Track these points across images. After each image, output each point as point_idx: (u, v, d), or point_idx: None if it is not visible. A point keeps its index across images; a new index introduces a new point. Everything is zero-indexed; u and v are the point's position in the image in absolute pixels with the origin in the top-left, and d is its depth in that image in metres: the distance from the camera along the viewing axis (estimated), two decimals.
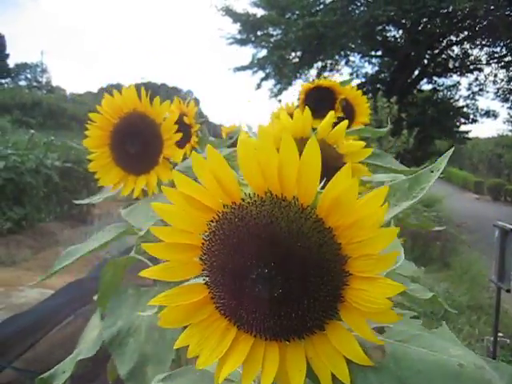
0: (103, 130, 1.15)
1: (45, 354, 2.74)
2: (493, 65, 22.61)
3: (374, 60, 24.63)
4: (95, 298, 1.34)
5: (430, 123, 21.23)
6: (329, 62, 24.43)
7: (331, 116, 0.78)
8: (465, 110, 24.24)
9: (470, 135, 26.17)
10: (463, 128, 24.91)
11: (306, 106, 1.50)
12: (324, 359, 0.45)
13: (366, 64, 25.21)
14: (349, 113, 1.50)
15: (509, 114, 24.26)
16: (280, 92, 25.12)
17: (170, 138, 1.16)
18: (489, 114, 23.81)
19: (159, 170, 1.17)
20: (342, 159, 0.79)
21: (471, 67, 23.29)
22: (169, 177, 1.19)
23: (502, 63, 22.10)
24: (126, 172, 1.18)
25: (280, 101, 25.87)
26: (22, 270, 6.56)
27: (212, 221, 0.44)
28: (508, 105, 23.16)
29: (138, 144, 1.15)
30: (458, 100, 24.78)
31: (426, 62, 23.47)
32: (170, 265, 0.46)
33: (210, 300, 0.47)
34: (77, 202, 1.50)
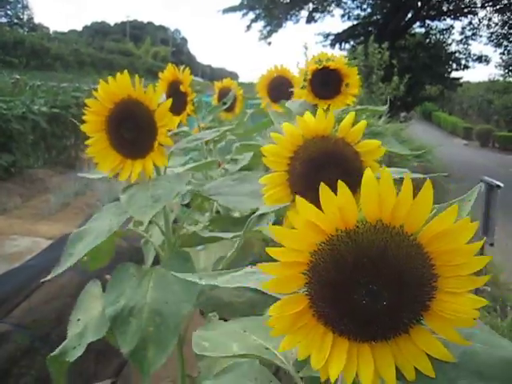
0: (99, 115, 1.15)
1: (39, 305, 2.80)
2: (488, 8, 22.24)
3: (366, 1, 24.06)
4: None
5: (421, 69, 21.01)
6: (320, 3, 23.81)
7: (351, 116, 0.80)
8: (457, 55, 23.98)
9: (461, 79, 26.00)
10: (454, 74, 24.74)
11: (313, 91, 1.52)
12: (408, 357, 0.53)
13: (359, 6, 24.57)
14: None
15: (501, 58, 24.05)
16: (270, 34, 24.59)
17: (163, 124, 1.16)
18: (481, 59, 23.62)
19: (154, 156, 1.19)
20: (359, 157, 0.82)
21: (465, 10, 22.89)
22: (164, 162, 1.21)
23: (497, 7, 21.72)
24: (122, 156, 1.20)
25: (270, 43, 25.31)
26: (14, 218, 6.58)
27: (324, 242, 0.51)
28: (501, 50, 22.95)
29: (133, 130, 1.16)
30: (450, 44, 24.48)
31: (419, 4, 22.96)
32: (279, 279, 0.53)
33: (309, 309, 0.54)
34: (80, 174, 1.51)
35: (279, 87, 2.03)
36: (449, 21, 24.15)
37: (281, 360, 0.74)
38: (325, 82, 1.48)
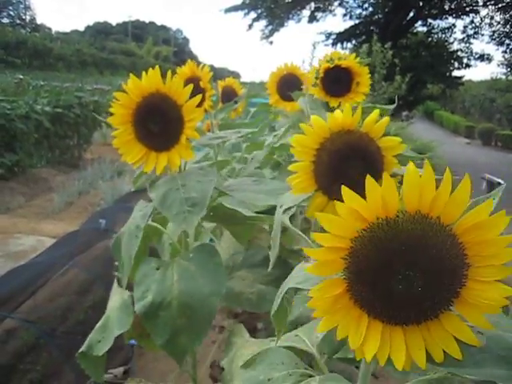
0: (127, 108, 1.18)
1: (45, 302, 2.82)
2: (490, 7, 22.20)
3: (368, 1, 24.04)
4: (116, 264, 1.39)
5: (423, 68, 20.99)
6: (322, 2, 23.81)
7: (376, 113, 0.84)
8: (459, 53, 23.94)
9: (463, 78, 25.94)
10: (456, 73, 24.70)
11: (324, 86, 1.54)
12: (437, 340, 0.56)
13: (360, 5, 24.54)
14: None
15: (503, 57, 24.02)
16: (272, 33, 24.61)
17: (191, 119, 1.19)
18: (483, 57, 23.59)
19: (180, 149, 1.21)
20: (381, 151, 0.87)
21: (467, 9, 22.85)
22: (190, 156, 1.24)
23: (500, 5, 21.68)
24: (147, 149, 1.22)
25: (271, 42, 25.33)
26: (18, 217, 6.61)
27: (365, 229, 0.54)
28: (503, 48, 22.91)
29: (160, 123, 1.19)
30: (452, 43, 24.46)
31: (421, 3, 22.93)
32: (321, 263, 0.56)
33: (346, 292, 0.57)
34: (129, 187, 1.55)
35: (288, 84, 2.05)
36: (451, 19, 24.13)
37: (306, 343, 0.78)
38: (336, 79, 1.52)
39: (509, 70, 25.10)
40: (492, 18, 22.38)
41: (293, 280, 0.66)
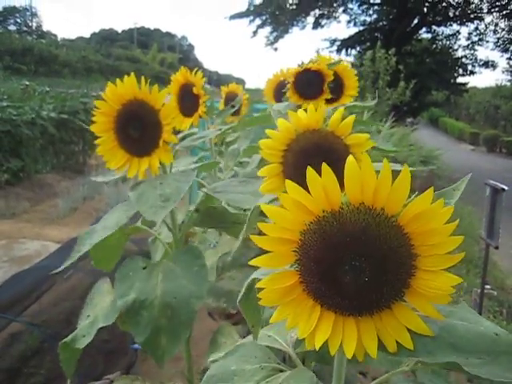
0: (107, 116, 1.21)
1: (49, 306, 2.84)
2: (494, 14, 22.20)
3: (372, 8, 24.10)
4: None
5: (427, 74, 21.01)
6: (326, 9, 23.88)
7: (340, 112, 0.86)
8: (463, 60, 23.93)
9: (468, 85, 25.91)
10: (461, 80, 24.69)
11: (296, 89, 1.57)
12: (390, 330, 0.58)
13: (365, 12, 24.61)
14: (338, 87, 1.55)
15: (508, 63, 23.99)
16: (276, 40, 24.68)
17: (168, 123, 1.22)
18: (487, 64, 23.58)
19: (160, 153, 1.24)
20: (348, 149, 0.88)
21: (472, 16, 22.85)
22: (170, 159, 1.27)
23: (504, 12, 21.68)
24: (130, 155, 1.26)
25: (276, 49, 25.42)
26: (23, 222, 6.64)
27: (311, 222, 0.55)
28: (507, 55, 22.90)
29: (139, 129, 1.22)
30: (456, 50, 24.45)
31: (425, 10, 22.97)
32: (271, 255, 0.58)
33: (299, 284, 0.59)
34: (93, 178, 1.57)
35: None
36: (455, 26, 24.16)
37: (280, 343, 0.79)
38: (309, 83, 1.54)
39: None
40: (496, 24, 22.40)
41: (259, 271, 0.68)
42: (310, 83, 1.54)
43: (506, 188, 3.32)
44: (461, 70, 24.00)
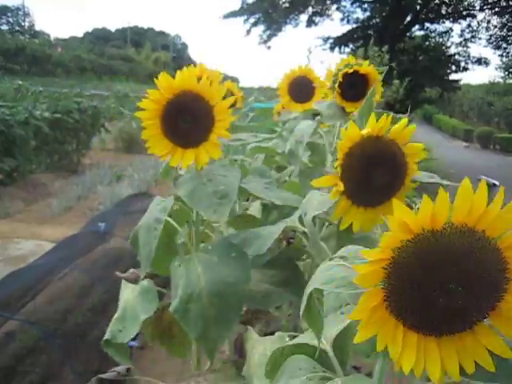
0: (157, 103, 1.22)
1: (45, 304, 2.84)
2: (486, 11, 22.25)
3: (365, 5, 24.10)
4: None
5: (420, 71, 21.01)
6: (320, 6, 23.86)
7: (404, 121, 0.88)
8: (456, 57, 23.97)
9: (461, 82, 25.95)
10: (454, 76, 24.71)
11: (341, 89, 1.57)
12: (471, 352, 0.56)
13: (358, 9, 24.64)
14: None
15: (501, 60, 24.08)
16: (269, 38, 24.60)
17: (223, 119, 1.24)
18: (480, 61, 23.59)
19: (209, 147, 1.25)
20: (405, 158, 0.91)
21: (464, 13, 22.88)
22: (218, 154, 1.28)
23: (496, 9, 21.75)
24: (174, 144, 1.26)
25: (269, 47, 25.36)
26: (17, 222, 6.62)
27: (409, 240, 0.54)
28: (500, 52, 22.97)
29: (190, 121, 1.22)
30: (449, 47, 24.48)
31: (418, 7, 22.98)
32: (365, 274, 0.56)
33: (383, 303, 0.57)
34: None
35: (300, 87, 2.10)
36: (448, 23, 24.11)
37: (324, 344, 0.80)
38: (353, 85, 1.54)
39: (506, 73, 25.18)
40: (489, 21, 22.43)
41: (317, 281, 0.66)
42: (354, 86, 1.54)
43: (497, 183, 3.35)
44: (454, 67, 24.04)
